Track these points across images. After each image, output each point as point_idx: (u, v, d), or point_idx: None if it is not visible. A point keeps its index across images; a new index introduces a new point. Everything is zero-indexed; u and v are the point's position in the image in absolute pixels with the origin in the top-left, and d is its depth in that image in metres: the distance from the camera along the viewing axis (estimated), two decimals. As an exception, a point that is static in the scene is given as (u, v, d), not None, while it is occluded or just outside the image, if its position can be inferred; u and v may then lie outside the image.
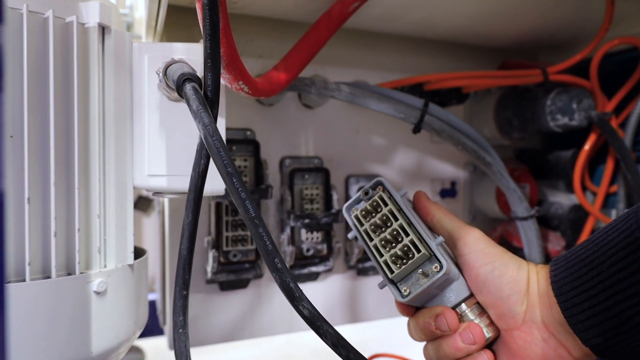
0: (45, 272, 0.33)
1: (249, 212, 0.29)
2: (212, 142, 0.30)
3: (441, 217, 0.39)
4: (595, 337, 0.32)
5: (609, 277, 0.32)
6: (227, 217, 0.52)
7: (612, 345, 0.32)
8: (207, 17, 0.31)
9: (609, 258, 0.32)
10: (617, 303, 0.31)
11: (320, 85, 0.49)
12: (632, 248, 0.31)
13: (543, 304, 0.35)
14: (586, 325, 0.33)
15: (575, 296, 0.33)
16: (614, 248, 0.32)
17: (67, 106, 0.34)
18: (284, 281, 0.30)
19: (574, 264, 0.34)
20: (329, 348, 0.31)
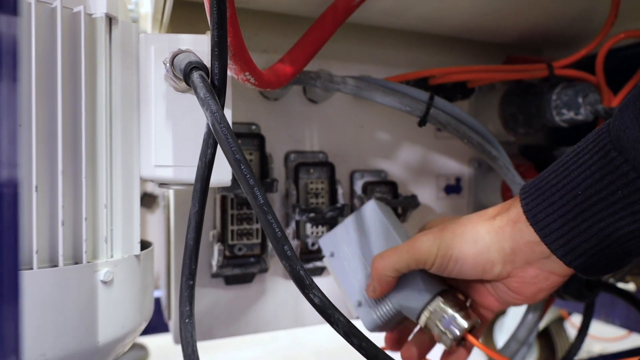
0: (53, 261, 0.33)
1: (257, 199, 0.29)
2: (219, 129, 0.30)
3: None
4: (578, 258, 0.33)
5: (585, 199, 0.32)
6: (232, 210, 0.52)
7: (595, 262, 0.33)
8: (214, 5, 0.31)
9: (583, 181, 0.32)
10: (596, 223, 0.32)
11: (326, 78, 0.49)
12: (609, 169, 0.31)
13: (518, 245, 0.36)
14: (568, 249, 0.33)
15: (552, 222, 0.34)
16: (588, 170, 0.32)
17: (74, 96, 0.34)
18: (294, 269, 0.30)
19: (545, 191, 0.34)
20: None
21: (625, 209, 0.31)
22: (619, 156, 0.30)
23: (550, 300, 0.67)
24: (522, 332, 0.61)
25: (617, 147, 0.30)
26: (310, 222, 0.54)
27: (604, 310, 1.14)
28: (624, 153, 0.30)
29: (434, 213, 0.66)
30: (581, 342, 0.71)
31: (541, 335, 1.26)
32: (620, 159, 0.30)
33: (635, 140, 0.29)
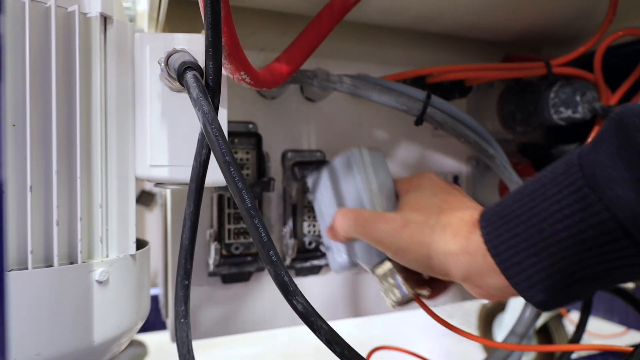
0: (48, 261, 0.33)
1: (245, 202, 0.29)
2: (210, 130, 0.30)
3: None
4: (539, 294, 0.32)
5: (551, 235, 0.30)
6: (229, 209, 0.52)
7: (555, 299, 0.32)
8: (208, 5, 0.31)
9: (551, 215, 0.30)
10: (561, 260, 0.30)
11: (322, 77, 0.49)
12: (580, 206, 0.29)
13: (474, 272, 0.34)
14: (529, 284, 0.32)
15: (515, 255, 0.32)
16: (557, 204, 0.30)
17: (69, 96, 0.34)
18: (278, 274, 0.30)
19: (508, 221, 0.33)
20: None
21: (593, 250, 0.29)
22: (592, 194, 0.29)
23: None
24: (520, 327, 0.61)
25: (590, 184, 0.29)
26: (307, 221, 0.54)
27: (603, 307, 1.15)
28: (599, 192, 0.28)
29: (431, 211, 0.66)
30: (579, 339, 0.71)
31: (540, 331, 1.26)
32: (594, 197, 0.29)
33: (611, 180, 0.28)
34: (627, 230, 0.28)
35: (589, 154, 0.30)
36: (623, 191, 0.27)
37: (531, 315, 0.60)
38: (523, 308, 0.61)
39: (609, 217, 0.28)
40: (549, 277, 0.31)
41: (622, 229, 0.28)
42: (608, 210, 0.28)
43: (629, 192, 0.27)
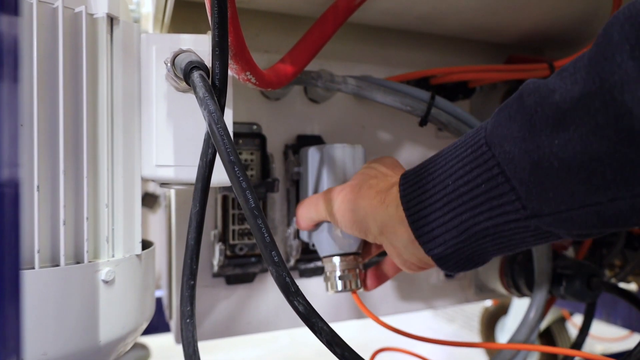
0: (54, 261, 0.33)
1: (248, 202, 0.29)
2: (216, 130, 0.30)
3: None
4: (437, 247, 0.34)
5: (453, 190, 0.33)
6: (233, 210, 0.52)
7: (452, 255, 0.35)
8: (215, 5, 0.31)
9: (455, 172, 0.33)
10: (458, 215, 0.33)
11: (327, 78, 0.49)
12: (478, 162, 0.32)
13: (388, 223, 0.38)
14: (430, 237, 0.35)
15: (422, 209, 0.35)
16: (461, 162, 0.33)
17: (75, 96, 0.34)
18: (279, 275, 0.30)
19: (422, 178, 0.36)
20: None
21: (484, 204, 0.31)
22: (488, 151, 0.31)
23: (551, 300, 0.67)
24: (524, 331, 0.61)
25: (488, 142, 0.31)
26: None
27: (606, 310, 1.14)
28: (493, 148, 0.31)
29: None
30: (582, 342, 0.71)
31: (543, 335, 1.26)
32: (489, 153, 0.31)
33: (503, 137, 0.30)
34: (512, 184, 0.30)
35: (493, 117, 0.32)
36: (510, 147, 0.29)
37: (534, 318, 0.60)
38: (527, 310, 0.61)
39: (499, 172, 0.30)
40: (448, 231, 0.33)
41: (508, 183, 0.30)
42: (499, 165, 0.30)
43: (515, 148, 0.29)
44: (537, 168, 0.28)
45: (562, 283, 0.60)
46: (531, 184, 0.29)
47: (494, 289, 0.69)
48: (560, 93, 0.27)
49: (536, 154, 0.28)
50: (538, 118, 0.28)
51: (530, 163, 0.29)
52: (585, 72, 0.27)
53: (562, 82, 0.28)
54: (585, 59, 0.27)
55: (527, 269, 0.63)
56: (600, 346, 1.60)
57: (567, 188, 0.28)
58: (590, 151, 0.26)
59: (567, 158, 0.27)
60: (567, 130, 0.27)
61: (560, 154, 0.27)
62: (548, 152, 0.28)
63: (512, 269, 0.65)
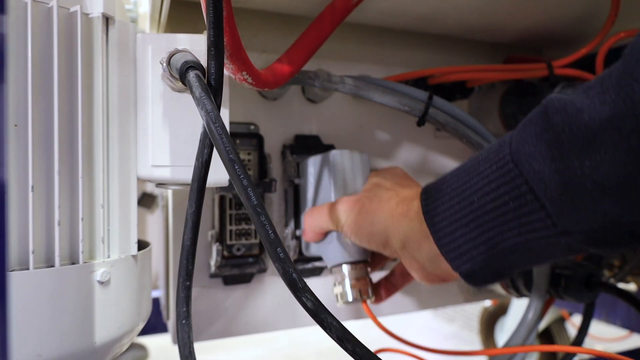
0: (49, 261, 0.33)
1: (251, 200, 0.29)
2: (214, 129, 0.30)
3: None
4: (465, 264, 0.34)
5: (480, 207, 0.33)
6: (230, 210, 0.51)
7: (480, 270, 0.34)
8: (210, 5, 0.31)
9: (481, 188, 0.33)
10: (486, 231, 0.33)
11: (324, 78, 0.49)
12: (505, 179, 0.31)
13: (411, 237, 0.37)
14: (457, 253, 0.34)
15: (447, 225, 0.35)
16: (486, 179, 0.33)
17: (71, 96, 0.34)
18: (286, 271, 0.29)
19: (445, 193, 0.35)
20: (332, 348, 0.30)
21: (513, 221, 0.31)
22: (515, 168, 0.31)
23: (550, 301, 0.67)
24: (522, 331, 0.61)
25: (514, 159, 0.31)
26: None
27: (605, 310, 1.14)
28: (520, 166, 0.31)
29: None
30: (581, 342, 0.70)
31: (542, 335, 1.26)
32: (516, 171, 0.31)
33: (530, 155, 0.30)
34: (542, 202, 0.30)
35: (518, 133, 0.32)
36: (539, 166, 0.29)
37: (533, 318, 0.60)
38: (525, 310, 0.61)
39: (527, 190, 0.30)
40: (475, 247, 0.33)
41: (537, 201, 0.30)
42: (527, 183, 0.30)
43: (544, 167, 0.29)
44: (568, 188, 0.28)
45: (560, 283, 0.60)
46: (562, 203, 0.29)
47: (493, 289, 0.69)
48: (589, 113, 0.27)
49: (567, 175, 0.28)
50: (567, 138, 0.28)
51: (560, 183, 0.28)
52: (614, 92, 0.26)
53: (590, 101, 0.27)
54: (613, 78, 0.27)
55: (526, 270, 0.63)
56: (600, 346, 1.60)
57: (600, 208, 0.28)
58: (624, 173, 0.26)
59: (599, 180, 0.27)
60: (598, 152, 0.27)
61: (592, 176, 0.27)
62: (580, 173, 0.28)
63: (510, 269, 0.65)
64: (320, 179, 0.48)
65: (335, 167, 0.47)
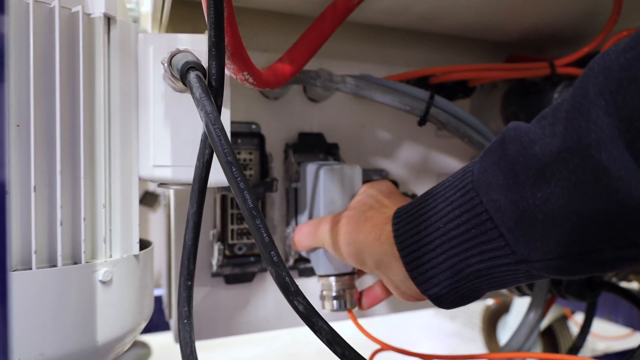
0: (52, 261, 0.33)
1: (247, 203, 0.29)
2: (213, 130, 0.30)
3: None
4: (433, 288, 0.35)
5: (444, 233, 0.34)
6: (232, 210, 0.52)
7: (447, 294, 0.35)
8: (211, 5, 0.31)
9: (445, 215, 0.34)
10: (451, 257, 0.33)
11: (325, 77, 0.49)
12: (467, 207, 0.32)
13: (384, 260, 0.38)
14: (424, 278, 0.35)
15: (415, 250, 0.35)
16: (450, 205, 0.34)
17: (73, 96, 0.34)
18: (279, 275, 0.30)
19: (414, 218, 0.36)
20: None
21: (476, 248, 0.32)
22: (476, 196, 0.32)
23: (552, 299, 0.67)
24: (524, 331, 0.61)
25: (475, 188, 0.32)
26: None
27: (607, 309, 1.14)
28: (481, 194, 0.31)
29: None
30: (583, 341, 0.70)
31: (545, 333, 1.26)
32: (477, 199, 0.32)
33: (489, 185, 0.31)
34: (500, 231, 0.30)
35: (480, 161, 0.33)
36: (496, 195, 0.30)
37: (535, 318, 0.60)
38: (527, 310, 0.61)
39: (487, 218, 0.31)
40: (442, 272, 0.34)
41: (497, 229, 0.31)
42: (487, 212, 0.31)
43: (501, 197, 0.30)
44: (522, 218, 0.29)
45: (562, 282, 0.60)
46: (518, 232, 0.30)
47: (494, 288, 0.69)
48: (541, 145, 0.28)
49: (521, 205, 0.29)
50: (520, 168, 0.29)
51: (516, 213, 0.29)
52: (563, 126, 0.27)
53: (542, 132, 0.28)
54: (563, 110, 0.27)
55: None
56: (602, 344, 1.59)
57: (553, 239, 0.28)
58: (572, 206, 0.27)
59: (550, 212, 0.28)
60: (548, 184, 0.27)
61: (543, 207, 0.28)
62: (532, 204, 0.28)
63: (512, 268, 0.65)
64: (313, 189, 0.49)
65: (325, 184, 0.48)
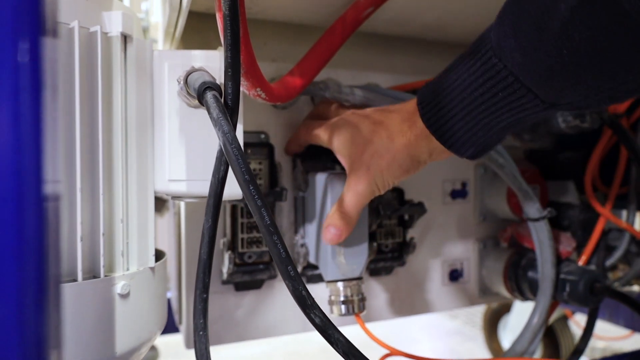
0: (72, 275, 0.34)
1: (264, 220, 0.30)
2: (230, 150, 0.31)
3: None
4: (469, 149, 0.41)
5: (472, 101, 0.37)
6: (242, 219, 0.52)
7: (481, 151, 0.41)
8: (227, 28, 0.32)
9: (470, 85, 0.37)
10: (481, 120, 0.38)
11: (334, 89, 0.50)
12: (491, 74, 0.36)
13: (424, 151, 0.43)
14: (460, 143, 0.40)
15: (445, 123, 0.40)
16: (473, 75, 0.37)
17: (91, 114, 0.35)
18: (296, 289, 0.31)
19: (438, 94, 0.40)
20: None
21: (505, 107, 0.36)
22: (499, 62, 0.35)
23: (554, 304, 0.68)
24: (527, 335, 0.62)
25: (497, 54, 0.35)
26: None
27: (609, 311, 1.15)
28: (504, 60, 0.35)
29: (440, 218, 0.67)
30: (585, 344, 0.71)
31: (545, 333, 1.27)
32: (500, 65, 0.35)
33: (512, 49, 0.33)
34: (528, 87, 0.34)
35: (496, 27, 0.35)
36: (521, 58, 0.33)
37: (539, 323, 0.61)
38: (531, 315, 0.62)
39: (514, 79, 0.35)
40: (474, 134, 0.39)
41: (524, 87, 0.34)
42: (512, 74, 0.35)
43: (526, 58, 0.33)
44: (551, 71, 0.32)
45: (565, 288, 0.61)
46: (547, 86, 0.33)
47: (498, 292, 0.70)
48: (565, 2, 0.29)
49: (547, 61, 0.32)
50: (545, 26, 0.31)
51: (544, 69, 0.32)
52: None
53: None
54: None
55: (531, 274, 0.63)
56: (602, 344, 1.61)
57: (582, 82, 0.32)
58: (598, 49, 0.30)
59: (577, 60, 0.31)
60: (572, 39, 0.30)
61: (572, 58, 0.30)
62: (560, 58, 0.31)
63: (516, 273, 0.66)
64: (323, 197, 0.50)
65: (333, 190, 0.49)
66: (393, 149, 0.43)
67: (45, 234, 0.19)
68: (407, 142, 0.42)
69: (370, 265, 0.61)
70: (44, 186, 0.19)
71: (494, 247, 0.71)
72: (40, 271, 0.19)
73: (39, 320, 0.19)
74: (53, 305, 0.19)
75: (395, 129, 0.43)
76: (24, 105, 0.19)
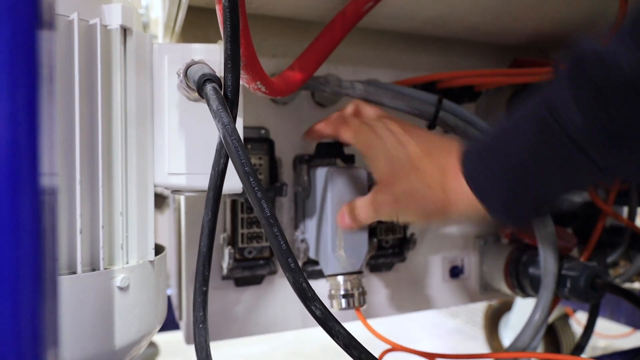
0: (71, 268, 0.34)
1: (264, 212, 0.30)
2: (230, 142, 0.31)
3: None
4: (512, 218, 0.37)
5: (523, 166, 0.35)
6: (242, 214, 0.52)
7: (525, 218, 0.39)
8: (227, 20, 0.32)
9: (521, 147, 0.35)
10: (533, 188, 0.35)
11: (334, 83, 0.50)
12: (546, 137, 0.33)
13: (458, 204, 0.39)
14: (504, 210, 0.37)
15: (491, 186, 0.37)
16: (526, 137, 0.34)
17: (91, 107, 0.35)
18: (296, 281, 0.31)
19: (484, 155, 0.37)
20: (337, 345, 0.31)
21: (559, 176, 0.34)
22: (554, 123, 0.33)
23: (555, 301, 0.68)
24: (529, 332, 0.62)
25: (553, 115, 0.33)
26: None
27: (610, 308, 1.15)
28: (560, 122, 0.32)
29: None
30: (587, 341, 0.71)
31: (546, 331, 1.27)
32: (556, 126, 0.32)
33: (570, 111, 0.32)
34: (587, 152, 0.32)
35: (553, 90, 0.34)
36: (582, 120, 0.31)
37: (540, 319, 0.61)
38: (532, 311, 0.62)
39: (570, 143, 0.32)
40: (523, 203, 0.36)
41: (582, 153, 0.32)
42: (570, 138, 0.32)
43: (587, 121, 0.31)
44: (613, 139, 0.30)
45: (566, 284, 0.60)
46: (607, 152, 0.31)
47: (499, 289, 0.70)
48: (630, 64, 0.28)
49: (610, 126, 0.30)
50: (609, 91, 0.30)
51: (605, 135, 0.31)
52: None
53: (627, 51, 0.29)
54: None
55: (532, 270, 0.63)
56: (603, 342, 1.60)
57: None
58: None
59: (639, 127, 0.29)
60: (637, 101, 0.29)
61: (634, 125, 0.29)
62: (622, 123, 0.30)
63: (517, 269, 0.65)
64: (323, 191, 0.50)
65: (333, 183, 0.49)
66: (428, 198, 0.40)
67: (42, 228, 0.19)
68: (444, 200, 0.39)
69: (371, 261, 0.60)
70: (41, 179, 0.19)
71: (495, 244, 0.71)
72: (37, 266, 0.19)
73: (35, 315, 0.19)
74: (50, 300, 0.19)
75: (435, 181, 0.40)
76: (19, 98, 0.18)
